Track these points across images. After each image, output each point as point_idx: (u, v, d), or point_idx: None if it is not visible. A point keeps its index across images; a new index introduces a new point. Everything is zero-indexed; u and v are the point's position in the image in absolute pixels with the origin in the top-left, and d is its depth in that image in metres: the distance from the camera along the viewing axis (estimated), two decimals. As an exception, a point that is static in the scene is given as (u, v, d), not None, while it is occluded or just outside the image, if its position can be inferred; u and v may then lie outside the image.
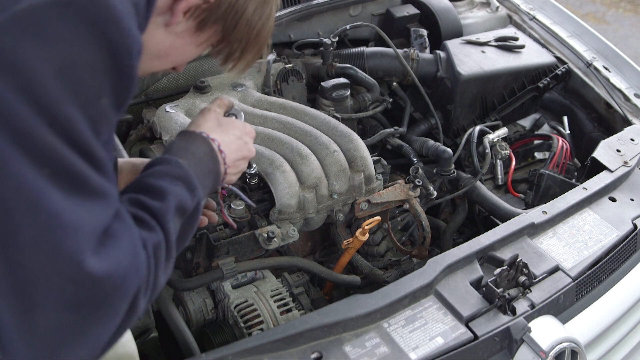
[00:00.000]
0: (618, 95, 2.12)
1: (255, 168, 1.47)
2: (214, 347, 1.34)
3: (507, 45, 2.21)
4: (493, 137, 1.95)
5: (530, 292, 1.34)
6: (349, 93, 1.92)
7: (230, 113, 1.19)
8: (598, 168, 1.77)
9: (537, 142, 2.25)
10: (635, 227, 1.60)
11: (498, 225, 1.53)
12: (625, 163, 1.77)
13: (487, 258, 1.43)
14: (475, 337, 1.24)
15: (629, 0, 6.41)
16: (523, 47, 2.23)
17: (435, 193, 1.74)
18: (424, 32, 2.24)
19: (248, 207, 1.49)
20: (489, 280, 1.29)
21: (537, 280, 1.37)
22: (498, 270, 1.30)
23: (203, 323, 1.45)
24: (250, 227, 1.50)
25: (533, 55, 2.22)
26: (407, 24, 2.36)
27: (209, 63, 2.04)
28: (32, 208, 0.65)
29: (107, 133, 0.75)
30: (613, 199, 1.68)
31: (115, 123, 0.80)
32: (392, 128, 1.99)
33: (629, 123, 2.03)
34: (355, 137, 1.64)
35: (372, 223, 1.54)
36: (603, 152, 1.82)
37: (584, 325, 1.41)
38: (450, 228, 1.86)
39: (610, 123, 2.20)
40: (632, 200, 1.69)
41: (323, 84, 1.90)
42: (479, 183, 1.87)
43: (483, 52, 2.16)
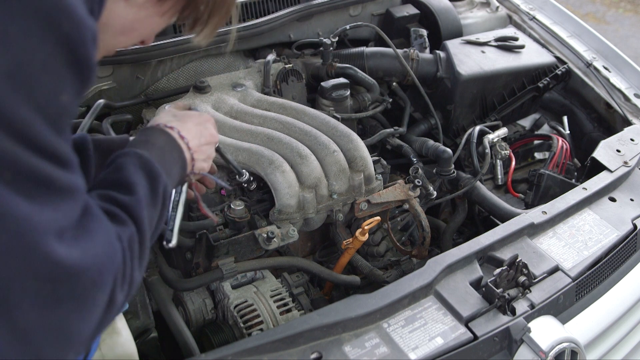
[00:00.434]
0: (618, 95, 2.12)
1: (246, 174, 1.43)
2: (214, 347, 1.34)
3: (507, 45, 2.21)
4: (493, 137, 1.95)
5: (530, 292, 1.34)
6: (349, 93, 1.92)
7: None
8: (598, 168, 1.77)
9: (537, 142, 2.25)
10: (635, 227, 1.60)
11: (498, 226, 1.53)
12: (625, 163, 1.77)
13: (487, 258, 1.43)
14: (475, 337, 1.24)
15: (629, 0, 6.41)
16: (523, 47, 2.23)
17: (435, 193, 1.74)
18: (424, 32, 2.24)
19: (247, 207, 1.49)
20: (489, 281, 1.29)
21: (536, 281, 1.37)
22: (498, 271, 1.30)
23: (203, 323, 1.45)
24: (250, 227, 1.50)
25: (533, 55, 2.22)
26: (407, 24, 2.36)
27: (209, 63, 2.04)
28: None
29: (69, 126, 0.73)
30: (613, 199, 1.68)
31: (77, 111, 0.77)
32: (392, 128, 1.99)
33: (629, 123, 2.03)
34: (355, 137, 1.64)
35: (372, 223, 1.54)
36: (603, 152, 1.82)
37: (584, 326, 1.41)
38: (450, 228, 1.86)
39: (610, 123, 2.20)
40: (632, 200, 1.69)
41: (323, 84, 1.90)
42: (479, 183, 1.87)
43: (483, 52, 2.16)
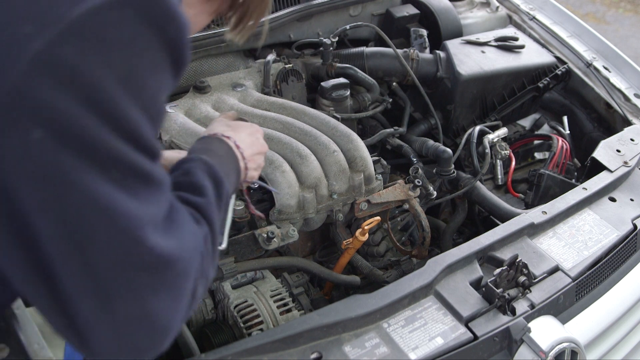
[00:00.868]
0: (618, 95, 2.12)
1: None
2: (214, 347, 1.34)
3: (507, 45, 2.21)
4: (493, 137, 1.95)
5: (530, 292, 1.34)
6: (349, 93, 1.92)
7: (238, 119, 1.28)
8: (598, 168, 1.77)
9: (537, 142, 2.25)
10: (635, 227, 1.60)
11: (498, 226, 1.53)
12: (625, 163, 1.77)
13: (487, 258, 1.43)
14: (475, 337, 1.24)
15: (629, 0, 6.41)
16: (523, 47, 2.23)
17: (435, 193, 1.74)
18: (424, 32, 2.24)
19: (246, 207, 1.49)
20: (489, 281, 1.29)
21: (537, 281, 1.37)
22: (498, 271, 1.30)
23: (203, 323, 1.45)
24: (250, 227, 1.50)
25: (533, 55, 2.22)
26: (407, 24, 2.36)
27: (209, 63, 2.04)
28: (105, 213, 0.65)
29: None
30: (613, 199, 1.68)
31: None
32: (392, 128, 1.99)
33: (629, 123, 2.03)
34: (355, 137, 1.64)
35: (371, 223, 1.54)
36: (603, 152, 1.82)
37: (584, 326, 1.41)
38: (450, 228, 1.86)
39: (610, 123, 2.20)
40: (632, 200, 1.69)
41: (323, 84, 1.90)
42: (479, 183, 1.87)
43: (483, 52, 2.16)
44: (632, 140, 1.88)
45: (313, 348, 1.15)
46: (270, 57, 1.93)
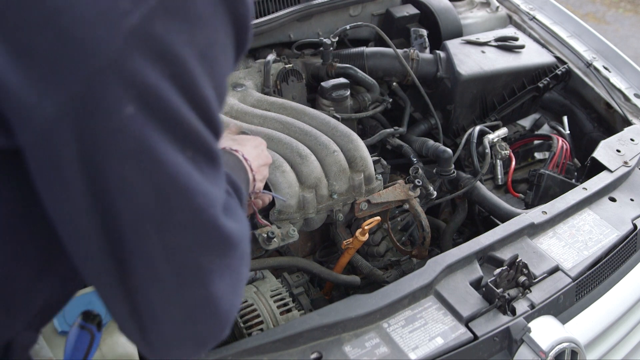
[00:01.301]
0: (618, 95, 2.12)
1: None
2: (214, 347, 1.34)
3: (507, 45, 2.21)
4: (493, 137, 1.95)
5: (530, 292, 1.34)
6: (349, 93, 1.92)
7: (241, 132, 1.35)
8: (598, 168, 1.77)
9: (537, 142, 2.25)
10: (635, 227, 1.60)
11: (498, 226, 1.53)
12: (625, 163, 1.77)
13: (487, 258, 1.43)
14: (475, 337, 1.24)
15: (629, 0, 6.41)
16: (523, 47, 2.23)
17: (435, 193, 1.74)
18: (424, 32, 2.24)
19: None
20: (489, 281, 1.29)
21: (537, 281, 1.37)
22: (498, 271, 1.30)
23: (203, 323, 1.45)
24: (250, 227, 1.50)
25: (533, 55, 2.21)
26: (407, 24, 2.36)
27: (209, 63, 2.04)
28: (184, 192, 0.65)
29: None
30: (613, 199, 1.68)
31: None
32: (392, 128, 1.99)
33: (629, 123, 2.03)
34: (355, 137, 1.64)
35: (372, 223, 1.54)
36: (603, 152, 1.82)
37: (584, 326, 1.41)
38: (450, 228, 1.86)
39: (610, 123, 2.20)
40: (632, 201, 1.69)
41: (323, 84, 1.90)
42: (479, 183, 1.87)
43: (483, 52, 2.16)
44: (632, 140, 1.88)
45: (313, 348, 1.15)
46: (270, 57, 1.93)
